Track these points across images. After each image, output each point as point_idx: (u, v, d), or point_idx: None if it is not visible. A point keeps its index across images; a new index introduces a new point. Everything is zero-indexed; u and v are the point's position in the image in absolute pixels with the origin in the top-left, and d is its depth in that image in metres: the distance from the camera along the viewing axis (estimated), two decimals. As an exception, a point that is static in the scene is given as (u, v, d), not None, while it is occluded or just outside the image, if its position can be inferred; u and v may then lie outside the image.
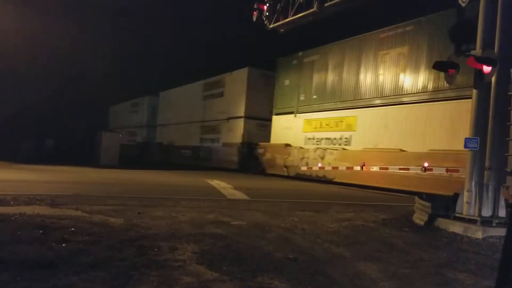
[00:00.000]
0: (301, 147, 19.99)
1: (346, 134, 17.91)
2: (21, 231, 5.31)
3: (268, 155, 22.03)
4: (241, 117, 23.99)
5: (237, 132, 24.17)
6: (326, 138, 18.89)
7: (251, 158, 22.83)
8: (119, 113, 44.91)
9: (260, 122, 23.88)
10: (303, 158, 19.58)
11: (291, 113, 21.21)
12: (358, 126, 17.40)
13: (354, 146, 17.42)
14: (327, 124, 19.05)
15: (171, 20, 42.07)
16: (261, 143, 23.00)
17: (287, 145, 20.97)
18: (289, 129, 21.24)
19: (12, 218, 6.13)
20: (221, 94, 26.64)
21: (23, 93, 37.87)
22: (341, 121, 18.29)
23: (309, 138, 19.93)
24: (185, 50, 42.67)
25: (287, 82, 21.84)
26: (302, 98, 20.75)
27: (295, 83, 21.19)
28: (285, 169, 20.64)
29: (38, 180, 12.75)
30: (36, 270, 3.89)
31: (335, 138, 18.47)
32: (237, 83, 24.72)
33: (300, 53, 21.22)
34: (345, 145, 17.89)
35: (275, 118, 22.51)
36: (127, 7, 37.53)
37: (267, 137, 22.94)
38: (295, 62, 21.49)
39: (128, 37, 39.59)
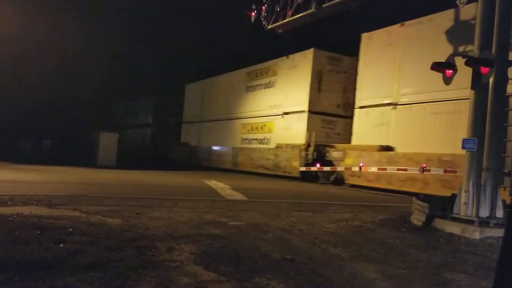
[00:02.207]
0: None
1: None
2: (18, 232, 5.29)
3: None
4: None
5: None
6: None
7: None
8: (214, 94, 28.16)
9: None
10: None
11: None
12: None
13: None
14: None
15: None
16: None
17: None
18: None
19: (9, 218, 6.10)
20: None
21: (21, 93, 37.76)
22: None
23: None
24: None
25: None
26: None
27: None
28: None
29: (36, 181, 12.72)
30: (33, 270, 3.87)
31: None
32: None
33: None
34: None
35: None
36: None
37: None
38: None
39: (129, 36, 38.88)
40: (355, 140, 17.35)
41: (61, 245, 4.77)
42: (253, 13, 16.47)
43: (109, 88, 42.66)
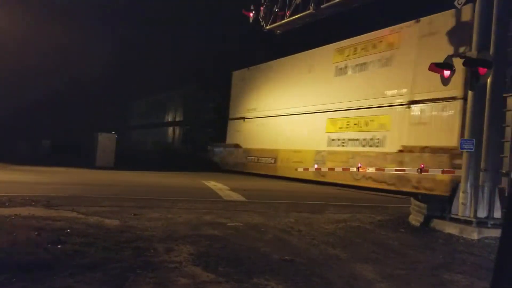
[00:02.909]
0: None
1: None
2: (17, 233, 5.29)
3: None
4: None
5: None
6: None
7: None
8: (280, 80, 21.73)
9: None
10: None
11: None
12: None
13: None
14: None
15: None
16: None
17: None
18: None
19: (7, 219, 6.10)
20: None
21: (20, 93, 37.66)
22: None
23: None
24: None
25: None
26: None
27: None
28: None
29: (34, 181, 12.69)
30: (32, 271, 3.87)
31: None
32: None
33: None
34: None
35: None
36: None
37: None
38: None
39: (127, 36, 37.69)
40: None
41: (59, 246, 4.77)
42: (251, 14, 16.47)
43: (120, 84, 40.25)
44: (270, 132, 21.65)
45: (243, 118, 23.96)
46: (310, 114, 19.09)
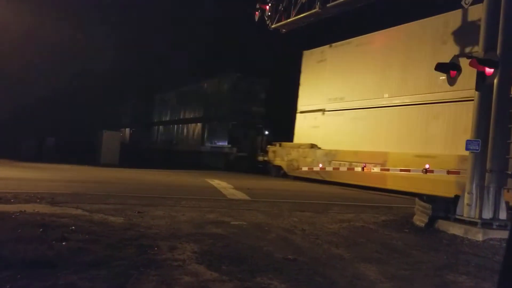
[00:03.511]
0: None
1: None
2: (21, 229, 5.32)
3: None
4: None
5: None
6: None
7: None
8: (389, 59, 15.91)
9: None
10: None
11: None
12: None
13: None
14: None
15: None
16: None
17: None
18: None
19: (12, 216, 6.14)
20: None
21: (25, 91, 37.77)
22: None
23: None
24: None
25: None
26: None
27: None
28: None
29: (39, 178, 12.76)
30: (36, 268, 3.89)
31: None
32: None
33: None
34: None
35: None
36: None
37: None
38: None
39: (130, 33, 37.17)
40: None
41: (63, 243, 4.79)
42: (256, 12, 16.44)
43: (141, 77, 38.03)
44: (372, 128, 16.19)
45: (322, 110, 18.68)
46: (445, 104, 13.48)
